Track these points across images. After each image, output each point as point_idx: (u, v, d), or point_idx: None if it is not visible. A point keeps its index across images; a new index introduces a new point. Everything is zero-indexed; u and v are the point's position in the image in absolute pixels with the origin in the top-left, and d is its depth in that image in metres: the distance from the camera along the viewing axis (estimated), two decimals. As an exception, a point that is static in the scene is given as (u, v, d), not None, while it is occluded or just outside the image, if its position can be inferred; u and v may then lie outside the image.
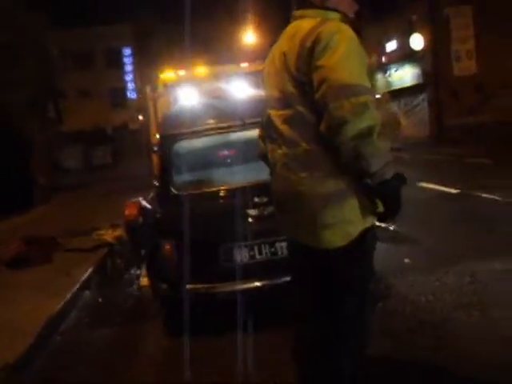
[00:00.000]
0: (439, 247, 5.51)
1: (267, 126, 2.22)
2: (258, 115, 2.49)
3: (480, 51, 20.66)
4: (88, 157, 34.97)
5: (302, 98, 2.00)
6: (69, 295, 4.71)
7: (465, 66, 21.17)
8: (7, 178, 11.21)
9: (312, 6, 2.12)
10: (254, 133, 2.55)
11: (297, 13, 2.18)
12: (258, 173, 3.18)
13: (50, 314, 4.20)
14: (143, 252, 4.56)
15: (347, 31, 1.97)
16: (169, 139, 4.11)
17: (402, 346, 3.31)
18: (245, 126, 3.89)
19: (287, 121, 2.06)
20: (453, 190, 9.13)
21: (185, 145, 4.18)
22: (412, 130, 24.29)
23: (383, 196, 1.96)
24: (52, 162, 19.44)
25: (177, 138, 4.09)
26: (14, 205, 10.79)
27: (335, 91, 1.85)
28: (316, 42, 1.92)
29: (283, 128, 2.07)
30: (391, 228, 6.46)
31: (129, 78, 38.93)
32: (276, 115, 2.12)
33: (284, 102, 2.07)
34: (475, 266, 4.57)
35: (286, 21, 2.28)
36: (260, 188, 3.54)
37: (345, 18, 2.10)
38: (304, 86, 1.98)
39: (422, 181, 10.53)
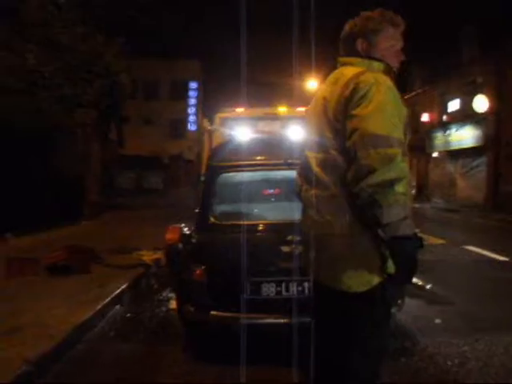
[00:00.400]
0: (475, 313, 5.34)
1: (304, 167, 2.28)
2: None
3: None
4: (141, 180, 36.06)
5: (336, 143, 2.05)
6: (99, 307, 4.86)
7: (528, 133, 20.68)
8: (61, 191, 11.74)
9: (357, 54, 2.18)
10: (295, 173, 2.62)
11: (342, 59, 2.24)
12: (294, 212, 3.24)
13: (77, 321, 4.35)
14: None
15: (385, 82, 2.01)
16: (214, 170, 4.27)
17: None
18: (287, 166, 4.00)
19: (321, 164, 2.12)
20: (500, 257, 8.85)
21: (228, 177, 4.34)
22: (467, 192, 23.71)
23: (395, 253, 1.91)
24: (108, 181, 20.22)
25: (222, 169, 4.25)
26: (64, 217, 11.29)
27: (365, 140, 1.89)
28: (354, 91, 1.98)
29: (317, 170, 2.13)
30: (427, 287, 6.32)
31: (191, 110, 40.31)
32: (312, 157, 2.18)
33: (321, 145, 2.13)
34: (510, 338, 4.41)
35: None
36: (294, 227, 3.60)
37: (389, 69, 2.15)
38: (340, 132, 2.03)
39: (469, 244, 10.27)
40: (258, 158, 4.30)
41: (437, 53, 24.97)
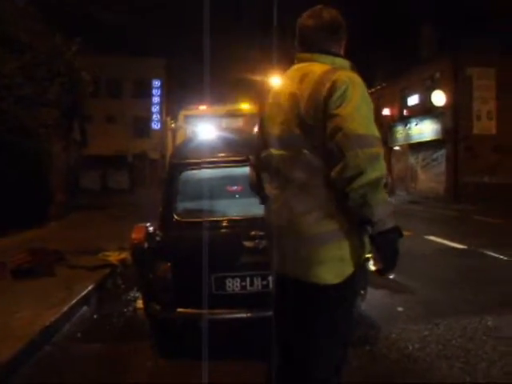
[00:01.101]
0: (435, 299, 5.55)
1: (266, 163, 2.24)
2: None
3: (500, 113, 20.90)
4: (106, 180, 35.57)
5: (308, 140, 2.03)
6: (66, 308, 4.82)
7: (485, 125, 21.46)
8: (26, 193, 11.50)
9: (319, 49, 2.17)
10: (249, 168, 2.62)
11: (303, 55, 2.21)
12: (256, 207, 3.30)
13: (44, 323, 4.31)
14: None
15: (358, 80, 2.03)
16: (176, 167, 4.29)
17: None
18: (248, 162, 4.04)
19: (287, 161, 2.09)
20: (459, 246, 9.17)
21: (190, 174, 4.36)
22: (428, 184, 24.35)
23: (380, 246, 1.97)
24: (73, 181, 19.89)
25: (183, 167, 4.27)
26: (32, 219, 11.07)
27: (350, 141, 1.90)
28: (331, 91, 1.97)
29: (283, 167, 2.11)
30: (390, 277, 6.51)
31: (155, 109, 39.83)
32: (276, 154, 2.15)
33: (286, 142, 2.10)
34: (467, 321, 4.63)
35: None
36: (257, 222, 3.65)
37: (353, 65, 2.17)
38: (313, 129, 2.01)
39: (430, 234, 10.59)
40: (220, 155, 4.35)
41: (397, 50, 25.52)
